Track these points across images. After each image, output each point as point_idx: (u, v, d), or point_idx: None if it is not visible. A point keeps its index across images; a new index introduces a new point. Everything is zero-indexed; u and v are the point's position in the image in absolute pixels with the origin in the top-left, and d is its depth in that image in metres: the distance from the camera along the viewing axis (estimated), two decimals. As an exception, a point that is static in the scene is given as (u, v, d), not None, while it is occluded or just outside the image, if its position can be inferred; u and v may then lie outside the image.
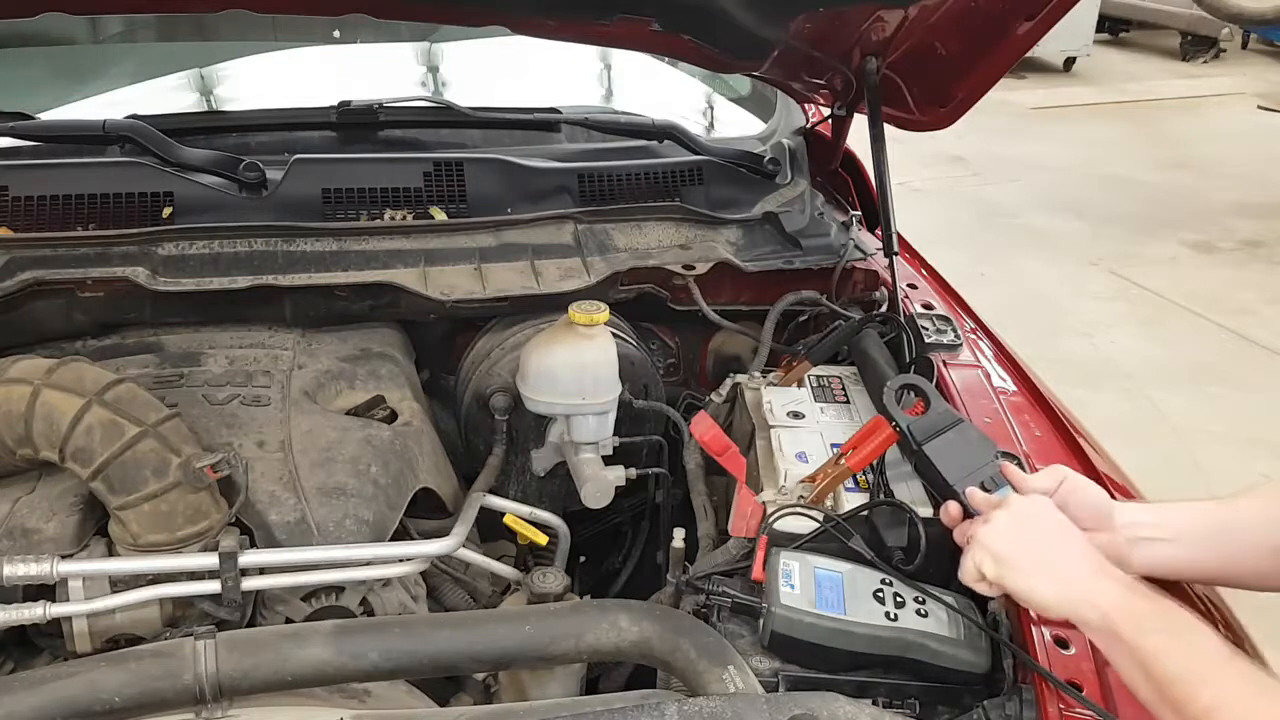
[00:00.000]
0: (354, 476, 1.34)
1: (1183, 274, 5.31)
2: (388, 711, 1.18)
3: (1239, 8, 7.50)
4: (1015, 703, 1.08)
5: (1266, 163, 6.93)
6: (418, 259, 1.64)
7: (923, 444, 1.25)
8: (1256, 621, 1.27)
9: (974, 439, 1.26)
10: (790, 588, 1.17)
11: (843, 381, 1.60)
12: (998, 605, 1.20)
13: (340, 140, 1.92)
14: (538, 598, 1.34)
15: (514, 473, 1.69)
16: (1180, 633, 0.94)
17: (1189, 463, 3.64)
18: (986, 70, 1.67)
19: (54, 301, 1.54)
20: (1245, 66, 9.84)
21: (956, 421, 1.27)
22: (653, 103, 2.18)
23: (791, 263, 1.79)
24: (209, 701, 1.03)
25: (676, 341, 1.93)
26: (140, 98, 2.07)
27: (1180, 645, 0.93)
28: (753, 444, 1.48)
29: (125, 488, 1.19)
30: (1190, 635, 0.94)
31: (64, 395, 1.19)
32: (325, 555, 1.25)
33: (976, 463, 1.22)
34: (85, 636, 1.19)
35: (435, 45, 2.31)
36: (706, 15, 1.59)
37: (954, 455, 1.24)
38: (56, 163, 1.69)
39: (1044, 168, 6.85)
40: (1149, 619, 0.95)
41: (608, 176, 1.85)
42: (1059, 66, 9.44)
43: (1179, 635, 0.94)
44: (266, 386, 1.49)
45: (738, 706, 0.99)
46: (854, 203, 2.06)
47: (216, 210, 1.63)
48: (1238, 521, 1.15)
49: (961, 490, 1.19)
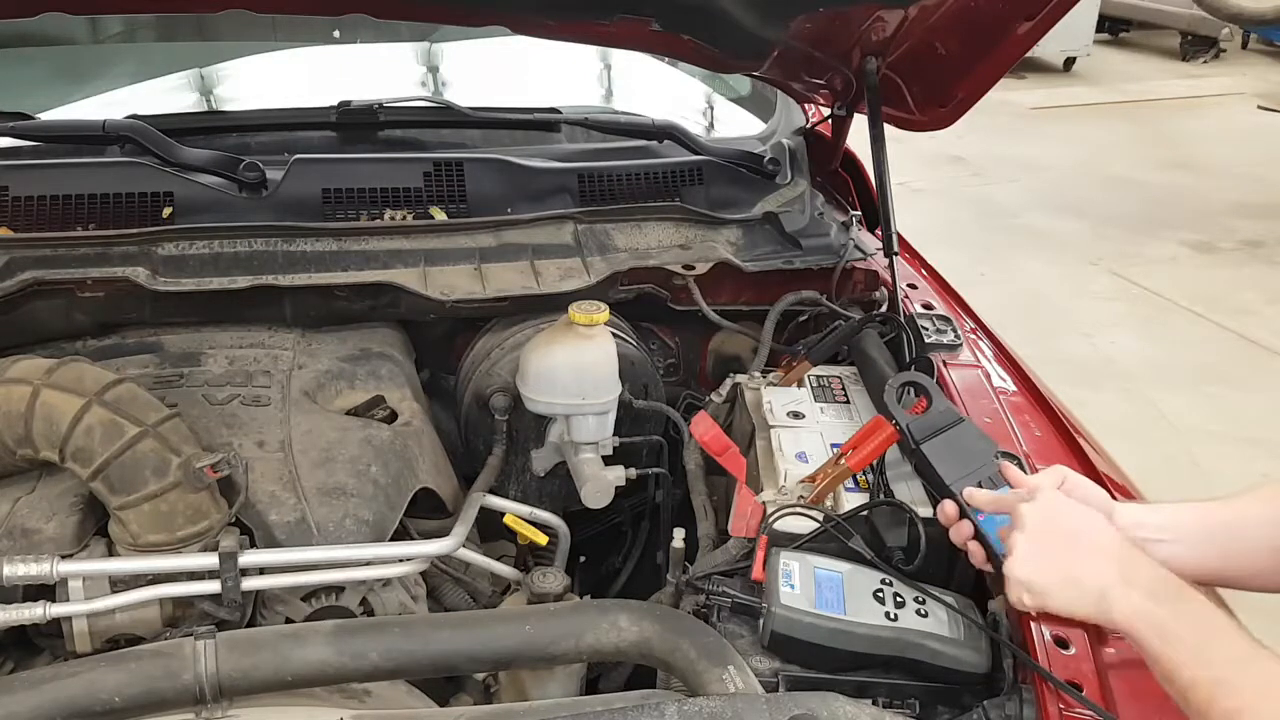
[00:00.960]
0: (354, 476, 1.34)
1: (1183, 274, 5.31)
2: (388, 711, 1.18)
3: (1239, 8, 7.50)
4: (1015, 703, 1.08)
5: (1266, 163, 6.93)
6: (418, 259, 1.64)
7: (921, 443, 1.25)
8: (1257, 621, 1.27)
9: (974, 439, 1.26)
10: (790, 588, 1.17)
11: (843, 381, 1.60)
12: (998, 605, 1.20)
13: (340, 140, 1.92)
14: (538, 598, 1.34)
15: (514, 473, 1.69)
16: (1202, 639, 0.94)
17: (1189, 463, 3.64)
18: (986, 70, 1.67)
19: (54, 301, 1.54)
20: (1245, 66, 9.84)
21: (957, 421, 1.27)
22: (653, 103, 2.18)
23: (791, 263, 1.79)
24: (209, 701, 1.03)
25: (676, 341, 1.93)
26: (140, 98, 2.07)
27: (1200, 652, 0.93)
28: (753, 444, 1.48)
29: (125, 488, 1.19)
30: (1212, 640, 0.94)
31: (64, 395, 1.19)
32: (325, 555, 1.25)
33: (975, 463, 1.22)
34: (85, 636, 1.19)
35: (435, 45, 2.31)
36: (706, 15, 1.59)
37: (953, 455, 1.23)
38: (56, 163, 1.69)
39: (1044, 168, 6.85)
40: (1170, 625, 0.96)
41: (608, 176, 1.85)
42: (1059, 66, 9.44)
43: (1200, 642, 0.94)
44: (266, 386, 1.49)
45: (738, 706, 0.98)
46: (854, 203, 2.06)
47: (216, 210, 1.63)
48: (1239, 521, 1.15)
49: (958, 490, 1.19)
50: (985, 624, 1.18)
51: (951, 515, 1.19)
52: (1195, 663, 0.93)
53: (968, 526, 1.18)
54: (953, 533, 1.19)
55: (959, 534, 1.18)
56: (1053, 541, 1.06)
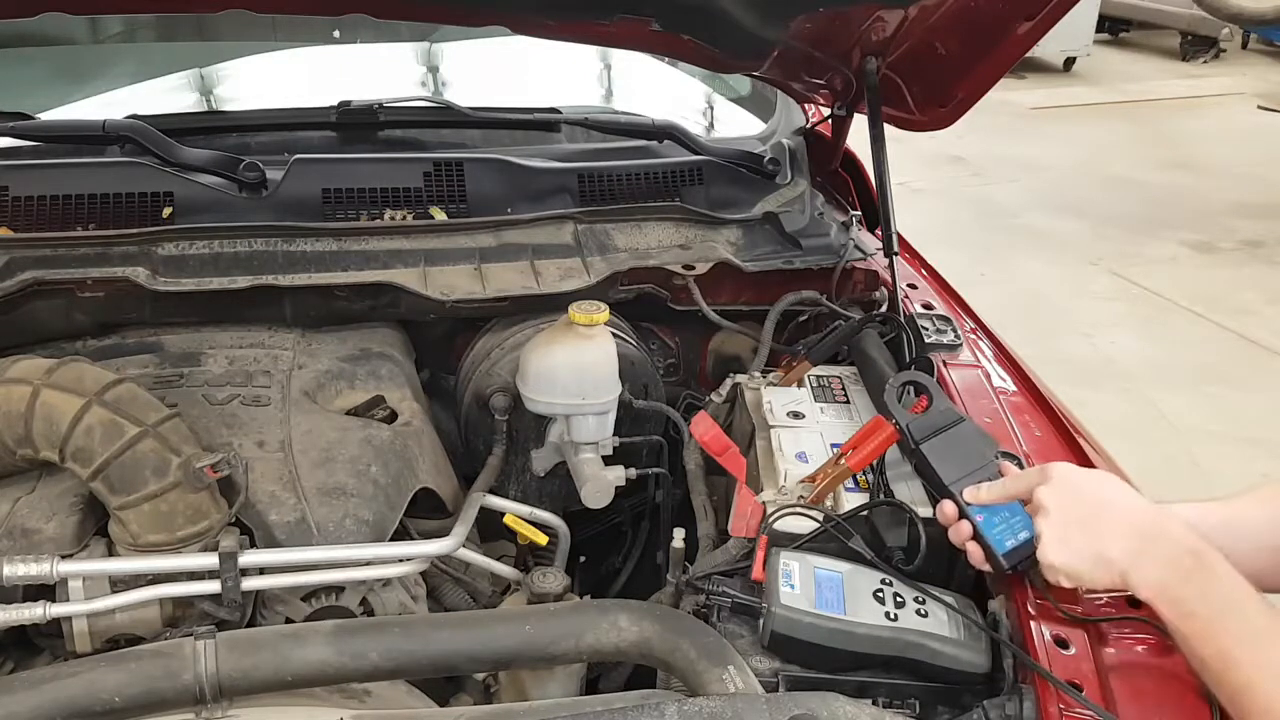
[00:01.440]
0: (354, 476, 1.34)
1: (1183, 274, 5.31)
2: (388, 711, 1.18)
3: (1239, 8, 7.50)
4: (1015, 703, 1.08)
5: (1266, 163, 6.93)
6: (418, 259, 1.64)
7: (921, 443, 1.25)
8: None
9: (975, 438, 1.26)
10: (790, 588, 1.17)
11: (843, 381, 1.60)
12: (998, 605, 1.20)
13: (340, 140, 1.92)
14: (538, 598, 1.34)
15: (514, 473, 1.69)
16: (1217, 614, 0.97)
17: (1189, 463, 3.64)
18: (986, 70, 1.66)
19: (54, 301, 1.54)
20: (1245, 66, 9.84)
21: (958, 420, 1.27)
22: (653, 103, 2.18)
23: (791, 263, 1.79)
24: (209, 701, 1.03)
25: (676, 341, 1.93)
26: (140, 98, 2.07)
27: (1215, 627, 0.96)
28: (753, 444, 1.48)
29: (125, 488, 1.19)
30: (1227, 615, 0.96)
31: (64, 395, 1.19)
32: (325, 555, 1.25)
33: (976, 463, 1.22)
34: (85, 636, 1.19)
35: (435, 45, 2.31)
36: (706, 15, 1.59)
37: (953, 455, 1.23)
38: (56, 163, 1.69)
39: (1044, 168, 6.85)
40: (1187, 603, 0.98)
41: (608, 176, 1.85)
42: (1059, 66, 9.44)
43: (1215, 617, 0.97)
44: (266, 386, 1.49)
45: (738, 706, 0.98)
46: (854, 203, 2.06)
47: (216, 210, 1.63)
48: (1238, 520, 1.16)
49: (958, 491, 1.19)
50: (985, 624, 1.18)
51: (950, 515, 1.20)
52: (1210, 635, 0.96)
53: (967, 527, 1.18)
54: (951, 533, 1.19)
55: (958, 534, 1.19)
56: (1076, 521, 1.08)
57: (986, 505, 1.18)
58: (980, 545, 1.17)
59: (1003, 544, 1.15)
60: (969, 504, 1.18)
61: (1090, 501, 1.08)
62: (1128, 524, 1.05)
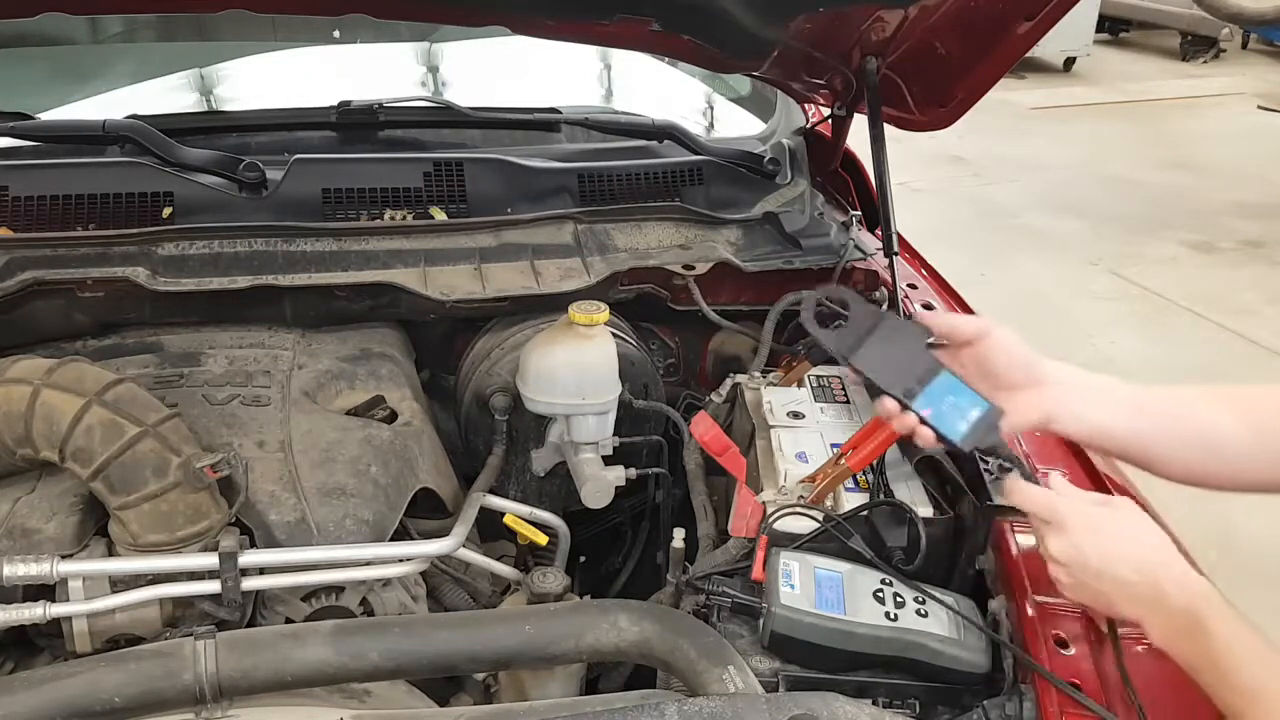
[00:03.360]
0: (354, 476, 1.34)
1: (1183, 274, 5.31)
2: (388, 711, 1.18)
3: (1239, 8, 7.50)
4: (1015, 703, 1.08)
5: (1266, 163, 6.93)
6: (418, 259, 1.64)
7: (849, 356, 1.20)
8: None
9: (901, 333, 1.22)
10: (790, 588, 1.17)
11: (843, 381, 1.60)
12: (998, 605, 1.20)
13: (340, 140, 1.92)
14: (538, 598, 1.34)
15: (514, 473, 1.69)
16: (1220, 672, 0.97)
17: (1189, 463, 3.63)
18: (986, 70, 1.66)
19: (54, 301, 1.54)
20: (1245, 66, 9.84)
21: (880, 319, 1.23)
22: (653, 103, 2.18)
23: (791, 263, 1.79)
24: (209, 701, 1.03)
25: (676, 341, 1.93)
26: (140, 98, 2.07)
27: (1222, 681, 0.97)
28: (753, 444, 1.48)
29: (125, 488, 1.19)
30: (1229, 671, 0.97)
31: (64, 395, 1.19)
32: (325, 555, 1.25)
33: (909, 362, 1.18)
34: (85, 636, 1.19)
35: (435, 45, 2.31)
36: (706, 15, 1.59)
37: (885, 358, 1.19)
38: (56, 163, 1.69)
39: (1044, 168, 6.85)
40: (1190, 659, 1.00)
41: (608, 176, 1.85)
42: (1059, 66, 9.45)
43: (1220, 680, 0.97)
44: (266, 386, 1.49)
45: (738, 706, 0.98)
46: (854, 203, 2.06)
47: (216, 210, 1.63)
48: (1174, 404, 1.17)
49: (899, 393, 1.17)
50: (985, 624, 1.18)
51: (892, 410, 1.18)
52: (1217, 691, 0.97)
53: (911, 417, 1.16)
54: (897, 425, 1.18)
55: (903, 424, 1.17)
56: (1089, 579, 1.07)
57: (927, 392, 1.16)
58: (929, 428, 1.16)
59: (957, 431, 1.14)
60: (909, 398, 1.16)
61: (1094, 568, 1.07)
62: (1127, 596, 1.05)
